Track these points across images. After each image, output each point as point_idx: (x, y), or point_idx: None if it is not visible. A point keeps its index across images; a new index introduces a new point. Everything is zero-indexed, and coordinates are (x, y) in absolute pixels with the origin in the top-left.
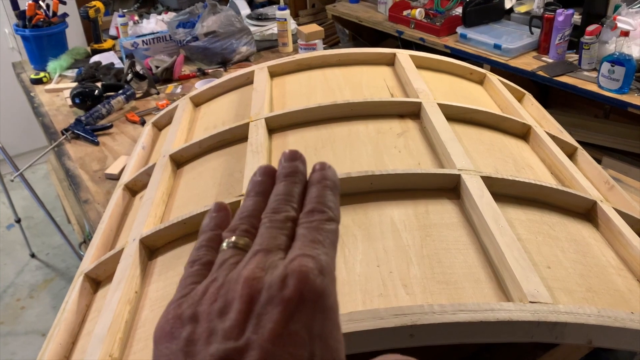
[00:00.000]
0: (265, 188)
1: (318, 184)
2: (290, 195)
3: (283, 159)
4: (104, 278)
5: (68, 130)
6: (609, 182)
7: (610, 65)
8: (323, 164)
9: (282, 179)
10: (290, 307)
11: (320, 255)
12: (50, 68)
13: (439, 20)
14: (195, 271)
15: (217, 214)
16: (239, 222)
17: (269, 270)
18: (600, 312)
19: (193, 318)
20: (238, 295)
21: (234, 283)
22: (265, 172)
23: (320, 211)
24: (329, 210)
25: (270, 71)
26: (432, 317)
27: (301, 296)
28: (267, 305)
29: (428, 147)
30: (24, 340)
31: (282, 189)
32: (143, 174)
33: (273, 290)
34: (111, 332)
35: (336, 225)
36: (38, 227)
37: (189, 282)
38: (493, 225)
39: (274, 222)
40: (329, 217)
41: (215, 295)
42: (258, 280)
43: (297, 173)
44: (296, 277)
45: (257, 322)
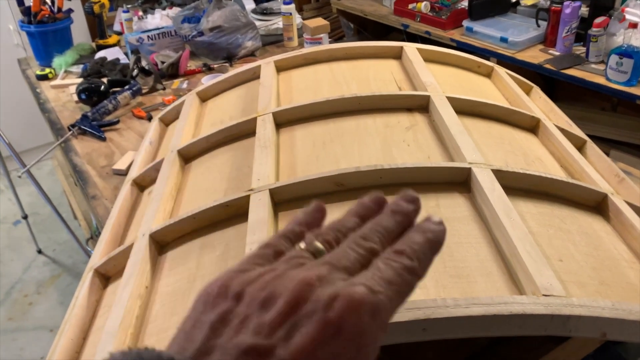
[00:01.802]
0: (367, 213)
1: (421, 233)
2: (387, 231)
3: (401, 196)
4: (114, 273)
5: (74, 126)
6: (619, 174)
7: (619, 58)
8: (434, 218)
9: (389, 212)
10: (326, 331)
11: (381, 294)
12: (56, 64)
13: (445, 13)
14: (264, 254)
15: (313, 213)
16: (327, 231)
17: (325, 283)
18: (615, 305)
19: (238, 296)
20: (285, 294)
21: (288, 280)
22: (375, 201)
23: (408, 257)
24: (417, 260)
25: (277, 66)
26: (445, 311)
27: (342, 322)
28: (306, 317)
29: (437, 141)
30: (32, 336)
31: (383, 221)
32: (151, 170)
33: (318, 305)
34: (122, 328)
35: (416, 280)
36: (45, 223)
37: (252, 261)
38: (505, 218)
39: (357, 245)
40: (414, 268)
41: (266, 284)
42: (310, 287)
43: (406, 214)
44: (344, 303)
45: (290, 330)
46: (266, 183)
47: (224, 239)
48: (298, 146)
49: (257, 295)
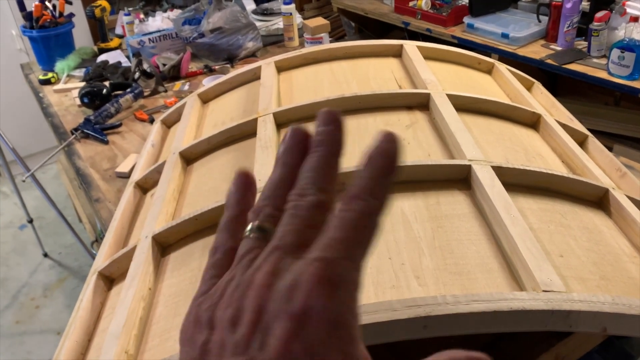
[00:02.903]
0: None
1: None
2: (321, 173)
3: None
4: (118, 275)
5: (77, 129)
6: (621, 169)
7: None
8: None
9: (315, 148)
10: (295, 325)
11: (343, 260)
12: (58, 68)
13: (446, 10)
14: (217, 261)
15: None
16: (264, 203)
17: (281, 274)
18: (615, 300)
19: (209, 324)
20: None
21: (246, 287)
22: (296, 136)
23: (362, 198)
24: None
25: (277, 66)
26: (446, 308)
27: (307, 312)
28: (274, 318)
29: (437, 138)
30: (39, 339)
31: (313, 162)
32: (153, 172)
33: (280, 303)
34: (126, 329)
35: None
36: (50, 227)
37: (209, 275)
38: (505, 215)
39: (298, 208)
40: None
41: (229, 300)
42: (268, 287)
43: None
44: (304, 290)
45: (262, 338)
46: None
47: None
48: None
49: (224, 316)
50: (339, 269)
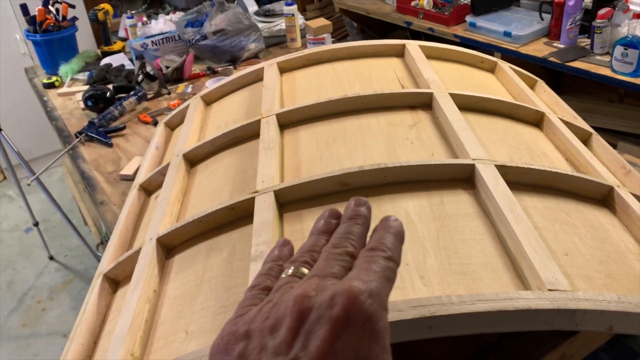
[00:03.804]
0: (328, 228)
1: (383, 229)
2: (351, 234)
3: (349, 205)
4: (123, 278)
5: (82, 133)
6: (625, 167)
7: (624, 49)
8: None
9: (346, 220)
10: (338, 326)
11: (372, 281)
12: (62, 72)
13: (448, 9)
14: (254, 295)
15: (281, 247)
16: (300, 255)
17: (320, 291)
18: (621, 298)
19: (246, 335)
20: (289, 312)
21: (286, 301)
22: (330, 214)
23: (380, 250)
24: (389, 250)
25: (280, 67)
26: (451, 308)
27: (348, 316)
28: (316, 323)
29: (441, 138)
30: (45, 342)
31: (344, 228)
32: (157, 174)
33: (322, 309)
34: (132, 331)
35: (395, 265)
36: (55, 230)
37: (246, 304)
38: (509, 214)
39: (332, 254)
40: (388, 256)
41: (268, 313)
42: (309, 299)
43: (360, 216)
44: (344, 297)
45: (305, 340)
46: (271, 185)
47: (230, 241)
48: (302, 147)
49: (263, 326)
50: (371, 286)
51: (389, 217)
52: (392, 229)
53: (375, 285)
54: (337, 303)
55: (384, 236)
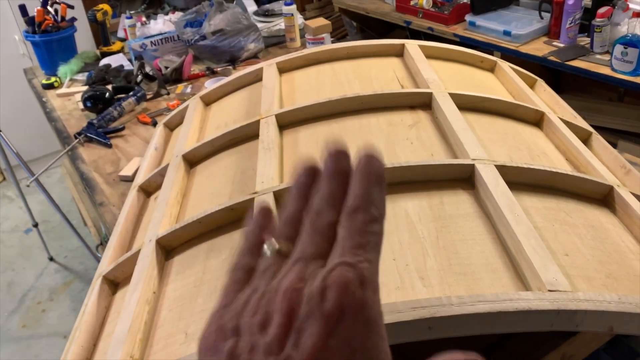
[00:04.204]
0: (308, 189)
1: (362, 179)
2: (333, 197)
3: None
4: (122, 279)
5: (81, 133)
6: (626, 166)
7: (623, 48)
8: (369, 155)
9: (326, 178)
10: (331, 322)
11: (361, 262)
12: (61, 73)
13: (447, 8)
14: (237, 278)
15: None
16: (281, 227)
17: (308, 280)
18: (621, 299)
19: (235, 331)
20: (278, 308)
21: (273, 294)
22: (308, 172)
23: (363, 209)
24: (374, 208)
25: (279, 67)
26: (451, 309)
27: (341, 310)
28: (307, 319)
29: (440, 138)
30: (46, 343)
31: (326, 190)
32: (157, 175)
33: (313, 304)
34: (131, 333)
35: (381, 225)
36: (55, 231)
37: (230, 290)
38: (509, 214)
39: (316, 227)
40: (373, 217)
41: (256, 307)
42: (297, 292)
43: (342, 172)
44: (335, 290)
45: (297, 337)
46: (270, 185)
47: (230, 242)
48: (301, 147)
49: (253, 322)
50: (361, 270)
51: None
52: (373, 176)
53: (365, 267)
54: (327, 297)
55: (365, 189)
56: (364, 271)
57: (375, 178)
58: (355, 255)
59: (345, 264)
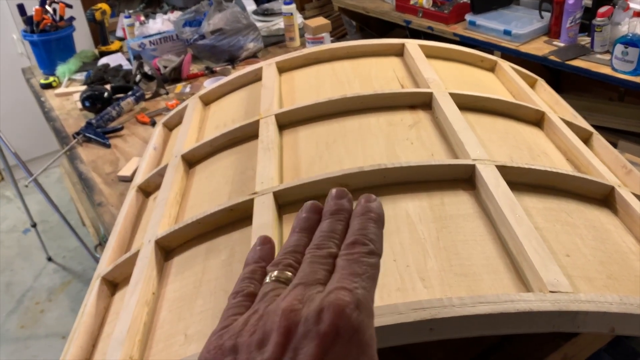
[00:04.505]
0: (310, 224)
1: (361, 216)
2: (334, 232)
3: (330, 197)
4: (121, 280)
5: (79, 133)
6: (626, 166)
7: (624, 47)
8: (368, 197)
9: (328, 216)
10: (326, 342)
11: (357, 289)
12: (59, 72)
13: (447, 7)
14: (238, 302)
15: (262, 246)
16: (283, 257)
17: (306, 302)
18: (623, 300)
19: (233, 349)
20: (276, 327)
21: (272, 314)
22: (311, 209)
23: (361, 243)
24: (370, 242)
25: (279, 67)
26: (452, 310)
27: (337, 331)
28: (304, 339)
29: (441, 138)
30: (44, 343)
31: (327, 226)
32: (156, 175)
33: (309, 324)
34: (130, 334)
35: (377, 258)
36: (53, 231)
37: (230, 314)
38: (510, 215)
39: (316, 257)
40: (370, 250)
41: (254, 327)
42: (296, 312)
43: (343, 211)
44: (332, 312)
45: (293, 356)
46: (270, 186)
47: (229, 243)
48: (301, 147)
49: (251, 341)
50: (357, 295)
51: (368, 199)
52: (373, 215)
53: (361, 293)
54: (324, 318)
55: (364, 226)
56: (359, 296)
57: (373, 216)
58: (352, 282)
59: (342, 289)
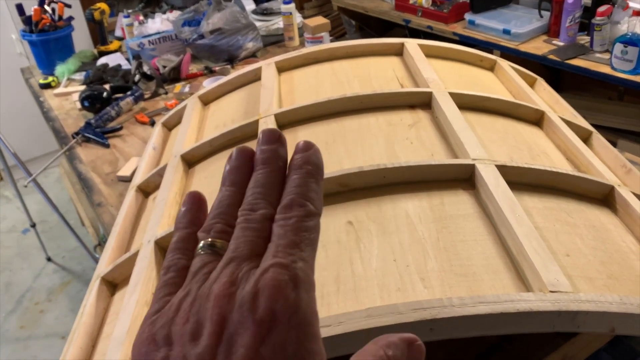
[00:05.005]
0: (242, 177)
1: (299, 170)
2: (268, 188)
3: (260, 141)
4: (121, 281)
5: (78, 133)
6: (626, 165)
7: (623, 46)
8: (306, 144)
9: (260, 166)
10: (262, 330)
11: (295, 262)
12: (58, 72)
13: (447, 7)
14: (169, 280)
15: (191, 206)
16: (214, 221)
17: (240, 283)
18: (623, 300)
19: (167, 340)
20: (209, 316)
21: (205, 300)
22: (241, 156)
23: (298, 205)
24: (309, 202)
25: (278, 67)
26: (452, 311)
27: (273, 316)
28: (238, 327)
29: (441, 137)
30: (44, 344)
31: (260, 179)
32: (155, 175)
33: (244, 311)
34: (130, 335)
35: (317, 220)
36: (53, 231)
37: (162, 294)
38: (510, 214)
39: (250, 221)
40: (308, 212)
41: (187, 314)
42: (229, 297)
43: (277, 159)
44: (267, 295)
45: (228, 348)
46: None
47: None
48: None
49: (184, 331)
50: (295, 270)
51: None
52: (310, 168)
53: (300, 266)
54: (259, 303)
55: (302, 183)
56: (297, 271)
57: (311, 169)
58: (289, 254)
59: (278, 266)
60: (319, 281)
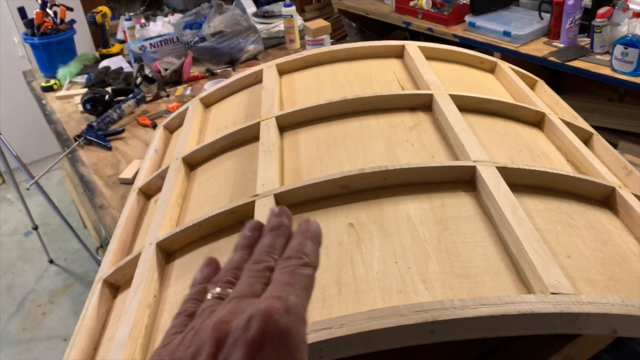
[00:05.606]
0: (251, 242)
1: (300, 235)
2: (272, 247)
3: (270, 214)
4: (123, 283)
5: (80, 136)
6: (627, 167)
7: (624, 48)
8: (308, 220)
9: (268, 232)
10: (254, 348)
11: (288, 296)
12: (60, 75)
13: (447, 9)
14: (179, 322)
15: (207, 268)
16: (224, 274)
17: (238, 314)
18: (624, 301)
19: None
20: (207, 339)
21: (206, 328)
22: (254, 227)
23: (296, 257)
24: (305, 256)
25: (279, 69)
26: (453, 313)
27: (264, 336)
28: (233, 347)
29: (441, 139)
30: (46, 346)
31: (266, 241)
32: (157, 178)
33: (238, 332)
34: (132, 337)
35: (312, 270)
36: (55, 233)
37: (171, 333)
38: (511, 216)
39: (253, 271)
40: (305, 263)
41: (190, 342)
42: (226, 323)
43: (282, 227)
44: (260, 318)
45: None
46: (271, 188)
47: (231, 245)
48: (302, 149)
49: (185, 355)
50: (287, 302)
51: (308, 221)
52: (309, 233)
53: (292, 300)
54: (252, 325)
55: (300, 242)
56: (290, 302)
57: (310, 235)
58: (284, 290)
59: (273, 297)
60: (320, 283)
